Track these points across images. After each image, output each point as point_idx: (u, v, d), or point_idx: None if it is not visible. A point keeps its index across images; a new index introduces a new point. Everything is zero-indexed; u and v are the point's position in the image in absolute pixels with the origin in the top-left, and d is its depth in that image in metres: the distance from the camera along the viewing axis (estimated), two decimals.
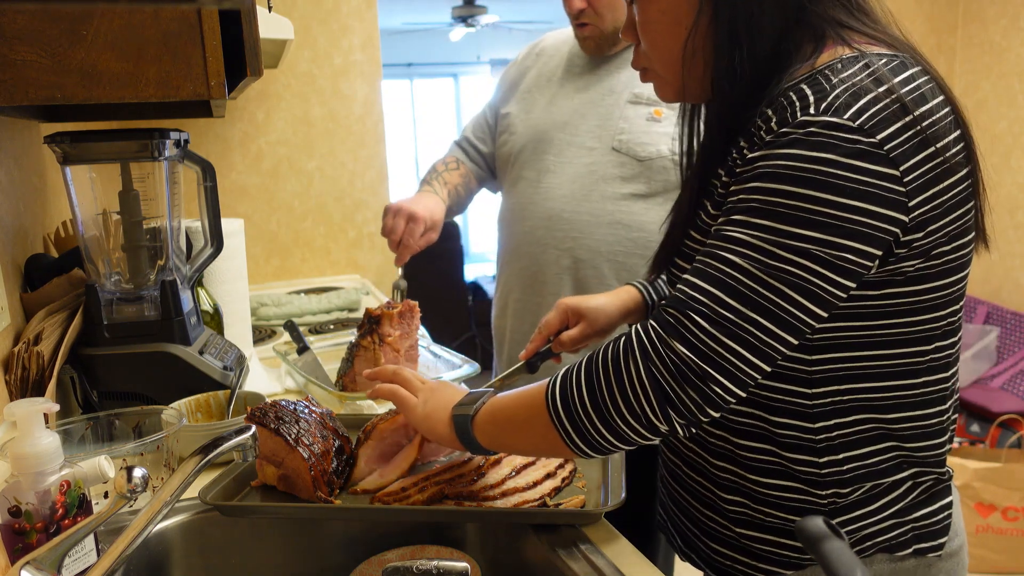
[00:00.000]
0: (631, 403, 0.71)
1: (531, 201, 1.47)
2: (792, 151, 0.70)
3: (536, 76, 1.56)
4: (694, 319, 0.69)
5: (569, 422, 0.75)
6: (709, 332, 0.69)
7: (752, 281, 0.69)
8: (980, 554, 2.66)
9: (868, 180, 0.68)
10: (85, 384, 1.19)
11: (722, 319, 0.69)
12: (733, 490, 0.86)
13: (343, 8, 2.56)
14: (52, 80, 0.95)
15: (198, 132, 2.45)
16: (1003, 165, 3.30)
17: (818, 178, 0.68)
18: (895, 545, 0.83)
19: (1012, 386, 3.11)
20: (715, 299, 0.70)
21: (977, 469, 2.63)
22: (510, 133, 1.54)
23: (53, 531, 0.74)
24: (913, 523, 0.83)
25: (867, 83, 0.71)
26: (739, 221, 0.71)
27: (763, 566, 0.86)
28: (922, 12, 3.35)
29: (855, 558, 0.53)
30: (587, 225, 1.41)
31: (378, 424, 1.03)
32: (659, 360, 0.70)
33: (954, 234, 0.75)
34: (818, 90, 0.72)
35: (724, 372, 0.69)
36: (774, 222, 0.69)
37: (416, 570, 0.82)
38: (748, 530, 0.86)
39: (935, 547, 0.84)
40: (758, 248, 0.70)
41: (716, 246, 0.72)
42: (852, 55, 0.75)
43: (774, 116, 0.73)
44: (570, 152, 1.45)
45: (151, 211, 1.26)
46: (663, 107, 1.40)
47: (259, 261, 2.60)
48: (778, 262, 0.69)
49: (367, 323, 1.35)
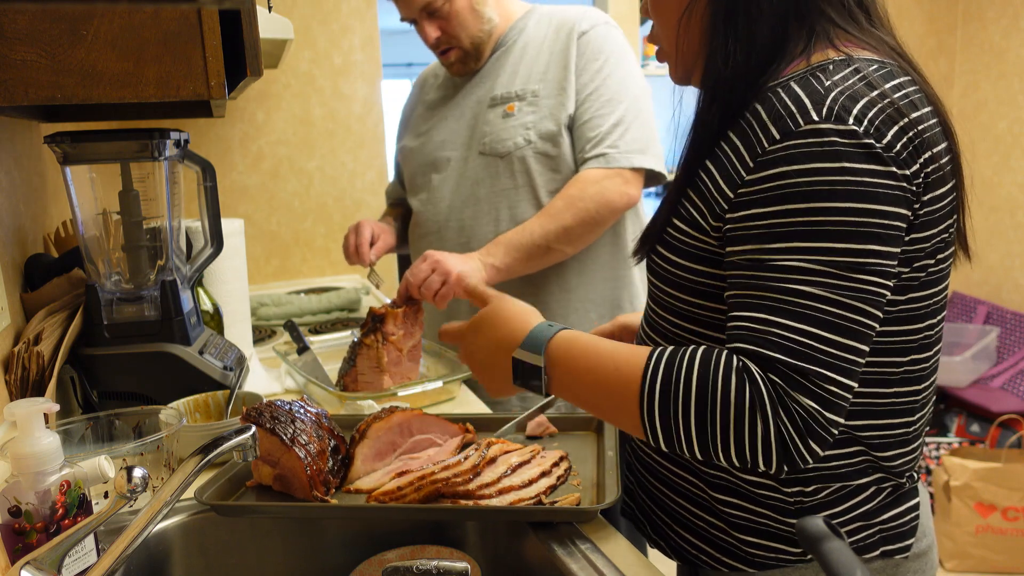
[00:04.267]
0: (745, 450, 0.70)
1: (424, 218, 1.61)
2: (810, 165, 0.69)
3: (421, 107, 1.69)
4: (814, 370, 0.68)
5: (664, 434, 0.73)
6: (828, 378, 0.69)
7: (841, 309, 0.69)
8: (980, 554, 2.66)
9: (888, 183, 0.69)
10: (85, 384, 1.19)
11: (833, 359, 0.69)
12: (703, 481, 0.86)
13: (343, 8, 2.56)
14: (52, 80, 0.95)
15: (198, 132, 2.45)
16: (1003, 165, 3.30)
17: (847, 189, 0.68)
18: (863, 547, 0.82)
19: (1012, 386, 3.11)
20: (819, 338, 0.69)
21: (977, 469, 2.63)
22: (405, 163, 1.69)
23: (53, 531, 0.74)
24: (880, 525, 0.83)
25: (860, 87, 0.71)
26: (792, 248, 0.70)
27: (727, 560, 0.86)
28: (922, 12, 3.35)
29: (855, 558, 0.53)
30: (472, 228, 1.52)
31: (372, 423, 1.03)
32: (787, 418, 0.68)
33: (938, 246, 0.76)
34: (812, 93, 0.71)
35: (840, 412, 0.70)
36: (828, 242, 0.69)
37: (416, 570, 0.82)
38: (716, 520, 0.86)
39: (902, 548, 0.84)
40: (828, 274, 0.69)
41: (782, 279, 0.70)
42: (841, 58, 0.75)
43: (771, 123, 0.72)
44: (449, 167, 1.57)
45: (151, 211, 1.26)
46: (515, 102, 1.50)
47: (259, 261, 2.60)
48: (850, 283, 0.69)
49: (371, 321, 1.36)
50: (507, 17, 1.56)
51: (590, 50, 1.47)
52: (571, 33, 1.48)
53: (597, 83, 1.45)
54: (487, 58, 1.56)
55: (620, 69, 1.47)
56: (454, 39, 1.50)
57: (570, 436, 1.15)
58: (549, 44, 1.50)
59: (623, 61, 1.48)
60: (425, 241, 1.60)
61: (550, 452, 1.04)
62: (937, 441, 3.02)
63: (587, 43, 1.48)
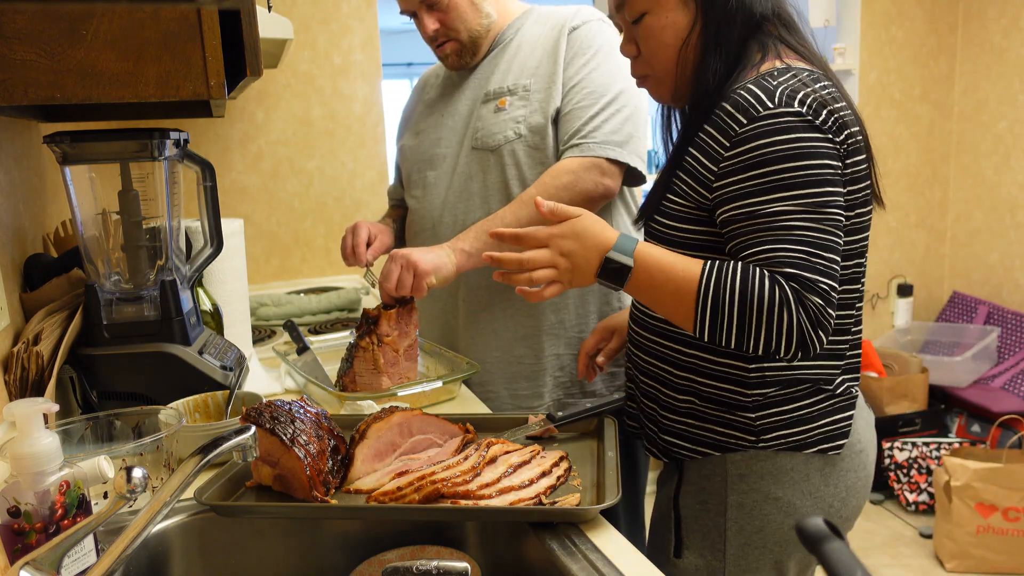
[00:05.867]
0: (772, 338, 0.94)
1: (420, 215, 1.61)
2: (773, 139, 0.95)
3: (422, 106, 1.70)
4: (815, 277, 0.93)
5: (710, 327, 0.96)
6: (825, 281, 0.93)
7: (822, 233, 0.94)
8: (980, 554, 2.65)
9: (827, 146, 0.95)
10: (85, 384, 1.19)
11: (825, 267, 0.94)
12: (686, 391, 1.10)
13: (343, 8, 2.56)
14: (51, 80, 0.95)
15: (198, 132, 2.45)
16: (1003, 165, 3.30)
17: (803, 151, 0.94)
18: (804, 444, 1.06)
19: (1013, 386, 3.11)
20: (813, 255, 0.93)
21: (978, 469, 2.63)
22: (403, 161, 1.70)
23: (52, 531, 0.74)
24: (818, 428, 1.07)
25: (797, 84, 0.97)
26: (776, 198, 0.95)
27: (700, 448, 1.10)
28: (922, 12, 3.35)
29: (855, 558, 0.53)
30: (465, 223, 1.52)
31: (372, 423, 1.03)
32: (804, 312, 0.92)
33: (856, 202, 1.01)
34: (764, 89, 0.97)
35: (834, 307, 0.95)
36: (801, 189, 0.94)
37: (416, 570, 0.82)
38: (693, 420, 1.10)
39: (835, 447, 1.07)
40: (807, 210, 0.94)
41: (776, 220, 0.94)
42: (783, 67, 1.00)
43: (738, 113, 0.97)
44: (444, 164, 1.58)
45: (151, 211, 1.26)
46: (507, 97, 1.51)
47: (259, 261, 2.60)
48: (823, 214, 0.94)
49: (365, 323, 1.35)
50: (505, 15, 1.56)
51: (578, 44, 1.47)
52: (563, 28, 1.49)
53: (582, 75, 1.45)
54: (484, 55, 1.57)
55: (608, 63, 1.46)
56: (452, 32, 1.50)
57: (570, 437, 1.15)
58: (543, 41, 1.51)
59: (612, 56, 1.47)
60: (420, 237, 1.60)
61: (550, 452, 1.04)
62: (938, 441, 3.01)
63: (576, 37, 1.48)
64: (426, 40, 1.54)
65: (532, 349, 1.53)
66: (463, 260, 1.40)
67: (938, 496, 2.77)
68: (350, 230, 1.59)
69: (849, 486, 1.10)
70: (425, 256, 1.37)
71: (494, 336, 1.53)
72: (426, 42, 1.55)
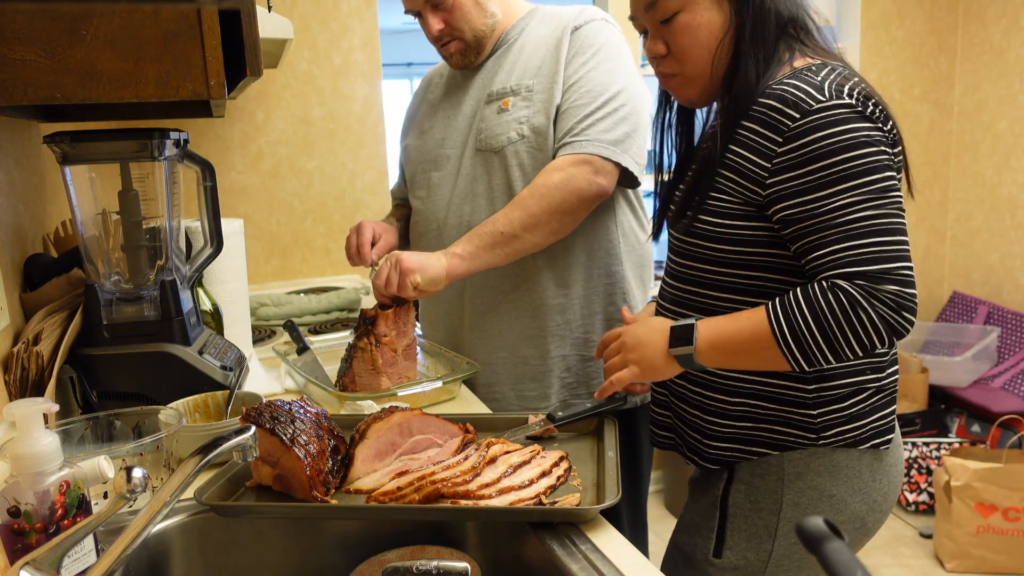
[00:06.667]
0: (862, 338, 0.95)
1: (424, 216, 1.61)
2: (828, 131, 0.95)
3: (426, 105, 1.69)
4: (886, 266, 0.94)
5: (804, 359, 0.97)
6: (898, 267, 0.94)
7: (888, 219, 0.95)
8: (980, 554, 2.65)
9: (878, 134, 0.97)
10: (85, 384, 1.19)
11: (895, 252, 0.94)
12: (740, 393, 1.10)
13: (343, 8, 2.56)
14: (51, 80, 0.95)
15: (198, 132, 2.45)
16: (1003, 165, 3.30)
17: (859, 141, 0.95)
18: (859, 439, 1.08)
19: (1013, 386, 3.11)
20: (881, 244, 0.94)
21: (978, 469, 2.63)
22: (408, 162, 1.69)
23: (52, 531, 0.74)
24: (872, 423, 1.09)
25: (840, 79, 0.99)
26: (838, 191, 0.95)
27: (755, 449, 1.10)
28: (922, 12, 3.35)
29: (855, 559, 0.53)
30: (470, 224, 1.50)
31: (372, 423, 1.03)
32: (881, 303, 0.93)
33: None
34: (810, 84, 0.98)
35: (913, 285, 0.95)
36: (862, 179, 0.95)
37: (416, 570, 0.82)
38: (746, 422, 1.10)
39: (885, 443, 1.10)
40: (871, 199, 0.95)
41: (839, 215, 0.95)
42: (818, 62, 1.03)
43: (788, 108, 0.97)
44: (448, 164, 1.58)
45: (151, 211, 1.26)
46: (510, 97, 1.50)
47: (259, 261, 2.60)
48: (886, 199, 0.95)
49: (362, 324, 1.35)
50: (510, 15, 1.56)
51: (580, 43, 1.47)
52: (566, 28, 1.48)
53: (581, 74, 1.45)
54: (488, 55, 1.56)
55: (609, 63, 1.46)
56: (457, 31, 1.50)
57: (570, 437, 1.15)
58: (546, 41, 1.50)
59: (613, 56, 1.47)
60: (425, 239, 1.60)
61: (550, 452, 1.04)
62: (938, 441, 3.01)
63: (578, 37, 1.47)
64: (430, 40, 1.54)
65: (538, 350, 1.52)
66: (455, 263, 1.39)
67: (938, 496, 2.77)
68: (354, 229, 1.58)
69: (891, 480, 1.12)
70: (412, 256, 1.37)
71: (500, 337, 1.53)
72: (430, 42, 1.55)
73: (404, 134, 1.74)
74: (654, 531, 1.91)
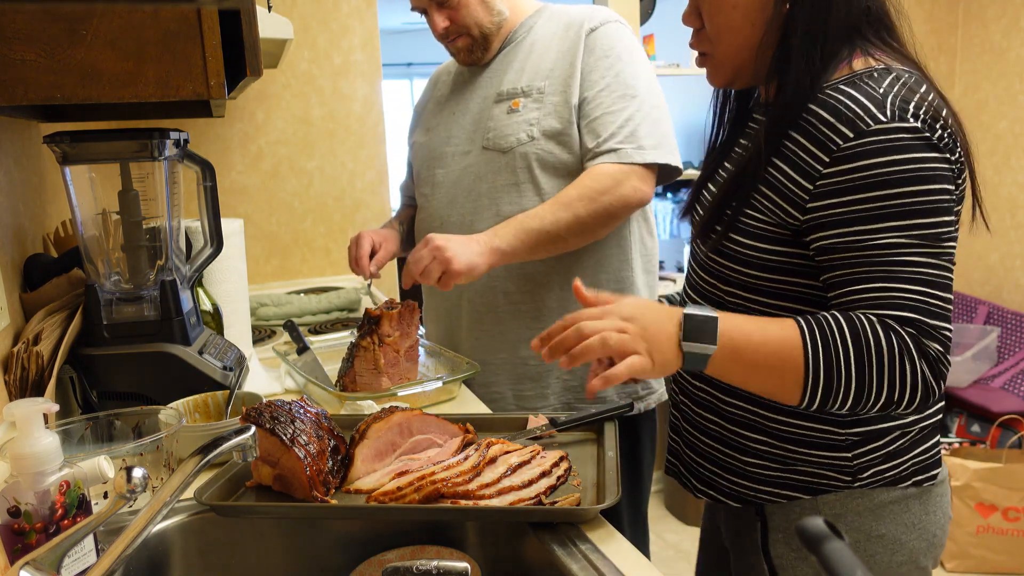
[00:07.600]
0: (895, 392, 0.83)
1: (428, 214, 1.62)
2: (886, 158, 0.82)
3: (433, 102, 1.70)
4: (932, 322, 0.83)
5: (823, 396, 0.85)
6: (943, 326, 0.84)
7: (939, 270, 0.84)
8: (980, 554, 2.65)
9: (944, 167, 0.84)
10: (85, 384, 1.19)
11: (942, 310, 0.84)
12: (763, 431, 0.99)
13: (343, 8, 2.56)
14: (51, 80, 0.95)
15: (198, 132, 2.45)
16: (1003, 165, 3.30)
17: (919, 175, 0.82)
18: (899, 478, 0.97)
19: (1013, 386, 3.11)
20: (931, 296, 0.83)
21: (977, 469, 2.63)
22: (415, 159, 1.70)
23: (52, 531, 0.74)
24: (912, 459, 0.98)
25: (906, 92, 0.85)
26: (889, 228, 0.83)
27: (784, 492, 1.00)
28: (922, 12, 3.35)
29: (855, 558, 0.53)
30: (472, 223, 1.51)
31: (372, 423, 1.02)
32: (925, 360, 0.83)
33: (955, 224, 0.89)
34: (870, 97, 0.84)
35: (950, 352, 0.85)
36: (917, 219, 0.83)
37: (416, 570, 0.82)
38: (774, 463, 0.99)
39: (930, 478, 0.99)
40: (924, 244, 0.83)
41: (889, 254, 0.83)
42: (882, 67, 0.88)
43: (841, 125, 0.84)
44: (453, 161, 1.57)
45: (151, 211, 1.26)
46: (520, 98, 1.50)
47: (259, 261, 2.60)
48: (940, 248, 0.84)
49: (366, 324, 1.35)
50: (518, 13, 1.56)
51: (599, 47, 1.46)
52: (579, 31, 1.48)
53: (609, 79, 1.44)
54: (496, 53, 1.56)
55: (631, 65, 1.46)
56: (463, 28, 1.50)
57: (570, 437, 1.15)
58: (557, 42, 1.50)
59: (633, 58, 1.47)
60: None
61: (550, 452, 1.04)
62: None
63: (595, 40, 1.47)
64: (437, 37, 1.54)
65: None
66: (496, 259, 1.37)
67: None
68: (354, 241, 1.58)
69: (944, 511, 1.02)
70: (461, 255, 1.31)
71: (500, 337, 1.53)
72: (437, 39, 1.54)
73: (412, 131, 1.75)
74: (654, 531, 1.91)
